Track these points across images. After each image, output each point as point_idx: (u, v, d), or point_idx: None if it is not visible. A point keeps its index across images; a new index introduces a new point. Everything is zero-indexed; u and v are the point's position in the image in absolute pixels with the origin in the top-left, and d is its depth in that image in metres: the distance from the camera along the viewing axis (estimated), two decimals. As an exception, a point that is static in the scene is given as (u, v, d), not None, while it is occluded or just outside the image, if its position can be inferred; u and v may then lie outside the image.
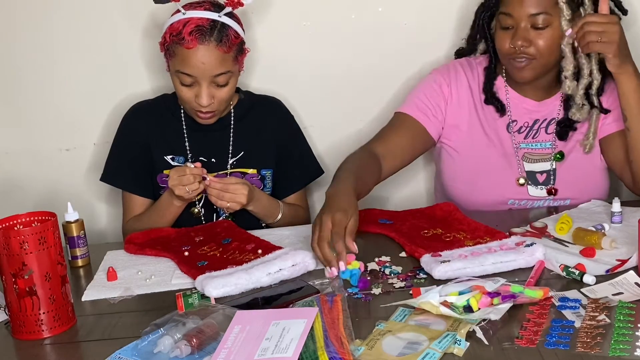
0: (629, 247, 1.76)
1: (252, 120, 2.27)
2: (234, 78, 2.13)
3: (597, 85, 2.07)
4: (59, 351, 1.58)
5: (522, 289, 1.56)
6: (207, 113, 2.13)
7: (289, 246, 1.89)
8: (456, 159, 2.21)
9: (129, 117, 2.28)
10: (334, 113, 2.51)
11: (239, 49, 2.12)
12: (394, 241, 1.94)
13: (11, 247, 1.57)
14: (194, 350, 1.46)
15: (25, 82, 2.48)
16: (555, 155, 2.16)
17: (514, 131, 2.18)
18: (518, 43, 2.02)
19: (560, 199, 2.16)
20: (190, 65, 2.06)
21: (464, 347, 1.42)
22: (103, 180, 2.31)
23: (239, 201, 2.05)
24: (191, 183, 2.02)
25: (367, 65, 2.47)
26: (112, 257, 2.00)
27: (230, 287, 1.71)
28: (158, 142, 2.23)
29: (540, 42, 2.02)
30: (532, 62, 2.05)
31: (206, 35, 2.04)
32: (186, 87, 2.10)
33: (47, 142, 2.52)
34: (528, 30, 2.02)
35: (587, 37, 1.94)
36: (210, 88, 2.09)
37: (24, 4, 2.41)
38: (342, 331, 1.47)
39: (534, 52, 2.03)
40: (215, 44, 2.05)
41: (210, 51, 2.05)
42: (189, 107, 2.15)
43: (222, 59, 2.07)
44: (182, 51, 2.06)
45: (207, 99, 2.09)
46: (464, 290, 1.55)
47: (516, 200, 2.16)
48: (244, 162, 2.24)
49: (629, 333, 1.44)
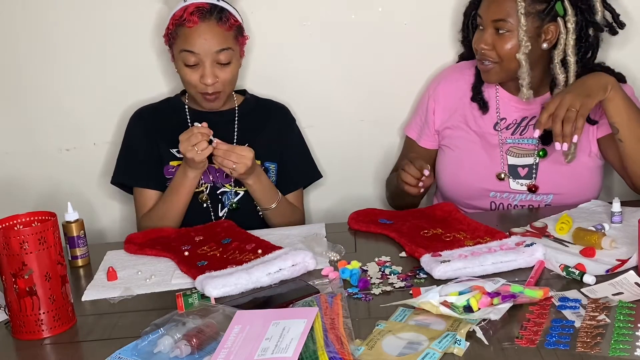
0: (629, 247, 1.76)
1: (256, 118, 2.30)
2: (235, 59, 2.18)
3: None
4: (59, 351, 1.58)
5: (522, 289, 1.56)
6: (213, 94, 2.16)
7: (289, 246, 1.89)
8: (446, 152, 2.27)
9: (135, 119, 2.31)
10: (334, 113, 2.51)
11: (239, 31, 2.20)
12: (394, 241, 1.94)
13: (11, 247, 1.57)
14: (194, 350, 1.46)
15: (26, 82, 2.48)
16: (538, 152, 2.17)
17: (502, 128, 2.21)
18: (481, 45, 2.09)
19: (542, 194, 2.17)
20: (193, 42, 2.12)
21: (464, 347, 1.42)
22: (114, 182, 2.32)
23: (244, 162, 2.06)
24: (199, 141, 2.04)
25: (367, 65, 2.47)
26: (112, 257, 2.00)
27: (230, 287, 1.71)
28: (164, 137, 2.25)
29: (500, 47, 2.07)
30: (495, 66, 2.11)
31: (206, 14, 2.13)
32: (190, 69, 2.14)
33: (47, 142, 2.52)
34: (492, 34, 2.08)
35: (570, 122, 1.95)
36: (213, 67, 2.13)
37: (25, 4, 2.41)
38: (342, 331, 1.47)
39: (495, 56, 2.09)
40: (216, 22, 2.13)
41: (211, 27, 2.12)
42: (195, 92, 2.18)
43: (223, 36, 2.13)
44: (185, 30, 2.13)
45: (212, 78, 2.13)
46: (464, 290, 1.55)
47: (497, 193, 2.19)
48: None
49: (629, 333, 1.43)
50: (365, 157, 2.54)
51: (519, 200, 2.19)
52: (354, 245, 1.96)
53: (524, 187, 2.18)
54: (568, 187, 2.16)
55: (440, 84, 2.30)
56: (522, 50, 2.06)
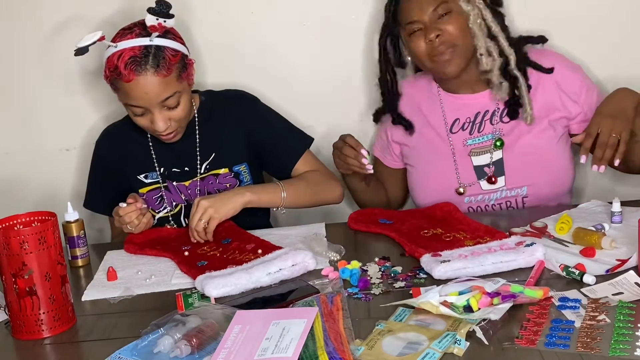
0: (629, 247, 1.76)
1: (217, 118, 2.24)
2: (184, 95, 2.06)
3: (514, 60, 2.10)
4: (59, 351, 1.58)
5: (522, 289, 1.56)
6: (169, 134, 2.10)
7: (289, 246, 1.89)
8: (411, 171, 2.29)
9: (99, 144, 2.29)
10: (334, 113, 2.50)
11: (181, 66, 2.04)
12: (394, 241, 1.94)
13: (11, 247, 1.57)
14: (194, 350, 1.46)
15: (25, 82, 2.48)
16: (494, 143, 2.16)
17: (458, 130, 2.20)
18: (432, 35, 2.06)
19: (515, 188, 2.16)
20: (134, 97, 2.00)
21: (464, 347, 1.42)
22: (85, 207, 2.32)
23: (211, 216, 1.99)
24: (130, 221, 2.04)
25: (367, 65, 2.47)
26: (112, 257, 2.00)
27: (230, 287, 1.71)
28: (129, 164, 2.23)
29: (450, 28, 2.07)
30: (455, 50, 2.08)
31: (141, 64, 1.97)
32: (140, 117, 2.06)
33: (47, 142, 2.53)
34: (435, 22, 2.07)
35: (614, 148, 1.95)
36: (162, 112, 2.03)
37: (25, 4, 2.41)
38: (342, 331, 1.47)
39: (450, 38, 2.07)
40: (153, 71, 1.98)
41: (149, 79, 1.98)
42: (151, 132, 2.13)
43: (164, 84, 2.00)
44: (123, 85, 2.00)
45: (163, 124, 2.04)
46: (464, 290, 1.55)
47: (471, 197, 2.19)
48: (215, 163, 2.22)
49: (629, 333, 1.43)
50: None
51: (494, 200, 2.17)
52: (353, 245, 1.96)
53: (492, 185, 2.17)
54: (538, 175, 2.14)
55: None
56: (473, 19, 2.07)
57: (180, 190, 2.21)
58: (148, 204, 2.18)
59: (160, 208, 2.22)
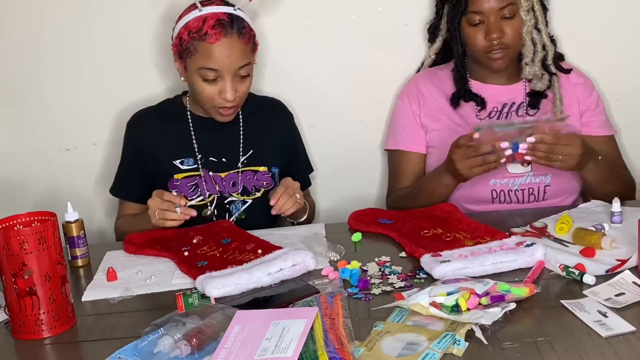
0: (629, 247, 1.76)
1: (259, 119, 2.27)
2: (252, 70, 2.14)
3: (552, 55, 2.24)
4: (59, 351, 1.58)
5: (509, 288, 1.56)
6: (230, 108, 2.13)
7: (289, 246, 1.89)
8: (434, 155, 2.28)
9: (132, 126, 2.27)
10: (334, 113, 2.51)
11: (254, 41, 2.15)
12: (394, 241, 1.94)
13: (11, 247, 1.57)
14: (194, 350, 1.46)
15: (25, 82, 2.48)
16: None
17: (485, 117, 2.25)
18: (494, 36, 2.14)
19: (540, 175, 2.18)
20: (215, 59, 2.05)
21: (463, 347, 1.42)
22: (112, 192, 2.31)
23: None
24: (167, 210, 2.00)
25: (367, 65, 2.47)
26: (112, 257, 2.00)
27: (231, 287, 1.71)
28: (165, 149, 2.21)
29: (510, 32, 2.15)
30: (507, 52, 2.18)
31: (228, 28, 2.05)
32: (209, 84, 2.09)
33: (47, 142, 2.53)
34: (498, 22, 2.14)
35: (545, 158, 1.98)
36: (234, 82, 2.09)
37: (23, 4, 2.41)
38: (342, 331, 1.47)
39: (507, 41, 2.16)
40: (237, 37, 2.07)
41: (233, 44, 2.06)
42: (210, 105, 2.13)
43: (244, 51, 2.08)
44: (206, 47, 2.05)
45: (232, 93, 2.08)
46: (453, 291, 1.55)
47: (497, 180, 2.19)
48: (253, 160, 2.23)
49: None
50: (365, 157, 2.54)
51: (518, 185, 2.19)
52: (353, 246, 1.96)
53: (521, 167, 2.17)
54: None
55: (420, 85, 2.32)
56: (526, 28, 2.16)
57: (216, 180, 2.20)
58: (181, 190, 2.18)
59: (193, 195, 2.21)
